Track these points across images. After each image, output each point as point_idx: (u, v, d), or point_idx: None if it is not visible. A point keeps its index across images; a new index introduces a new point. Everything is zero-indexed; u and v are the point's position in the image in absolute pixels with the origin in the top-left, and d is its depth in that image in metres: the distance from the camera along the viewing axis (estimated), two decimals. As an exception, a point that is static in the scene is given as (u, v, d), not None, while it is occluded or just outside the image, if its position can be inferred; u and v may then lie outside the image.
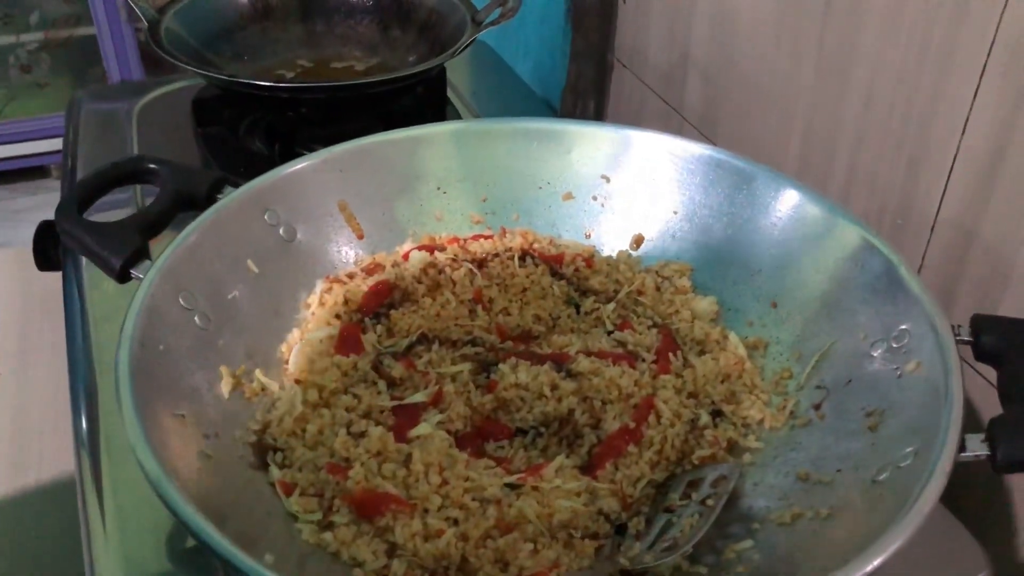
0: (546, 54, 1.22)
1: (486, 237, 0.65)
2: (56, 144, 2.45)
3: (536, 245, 0.65)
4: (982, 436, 0.44)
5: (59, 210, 0.54)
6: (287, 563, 0.44)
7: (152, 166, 0.59)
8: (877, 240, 0.55)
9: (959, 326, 0.50)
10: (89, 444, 0.59)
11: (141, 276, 0.52)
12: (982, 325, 0.50)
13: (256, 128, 0.95)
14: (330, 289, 0.60)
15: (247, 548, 0.38)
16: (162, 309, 0.51)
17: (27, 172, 2.54)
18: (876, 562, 0.38)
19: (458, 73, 1.10)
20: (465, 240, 0.65)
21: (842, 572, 0.38)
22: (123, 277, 0.53)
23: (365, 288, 0.60)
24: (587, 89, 1.17)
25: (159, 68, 2.09)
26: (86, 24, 2.28)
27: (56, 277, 0.91)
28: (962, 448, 0.43)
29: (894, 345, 0.51)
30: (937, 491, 0.41)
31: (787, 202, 0.60)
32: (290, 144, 0.92)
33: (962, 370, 0.47)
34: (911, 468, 0.44)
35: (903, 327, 0.51)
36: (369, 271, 0.62)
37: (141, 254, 0.53)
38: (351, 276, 0.61)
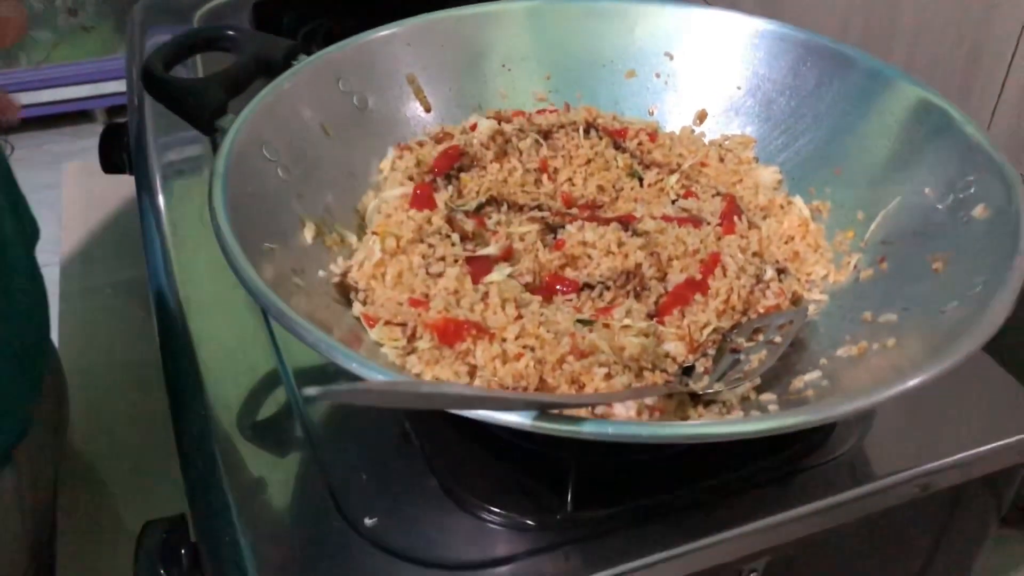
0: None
1: (551, 111, 0.67)
2: (102, 88, 2.50)
3: (600, 120, 0.66)
4: (1050, 264, 0.45)
5: (146, 65, 0.56)
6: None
7: (231, 33, 0.60)
8: (936, 97, 0.56)
9: (1026, 173, 0.51)
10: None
11: (225, 127, 0.54)
12: (1050, 171, 0.50)
13: (315, 35, 0.97)
14: (401, 156, 0.62)
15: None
16: (247, 157, 0.53)
17: (72, 116, 2.58)
18: (948, 364, 0.40)
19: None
20: (530, 114, 0.66)
21: (918, 373, 0.39)
22: (208, 128, 0.55)
23: (435, 153, 0.62)
24: None
25: None
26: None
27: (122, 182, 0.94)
28: (1031, 274, 0.44)
29: (960, 196, 0.52)
30: (1004, 311, 0.42)
31: (847, 70, 0.61)
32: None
33: (1031, 209, 0.48)
34: (980, 295, 0.45)
35: (969, 178, 0.52)
36: (438, 139, 0.63)
37: (224, 108, 0.56)
38: (421, 144, 0.63)
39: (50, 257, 0.87)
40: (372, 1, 0.92)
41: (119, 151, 0.94)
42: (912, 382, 0.40)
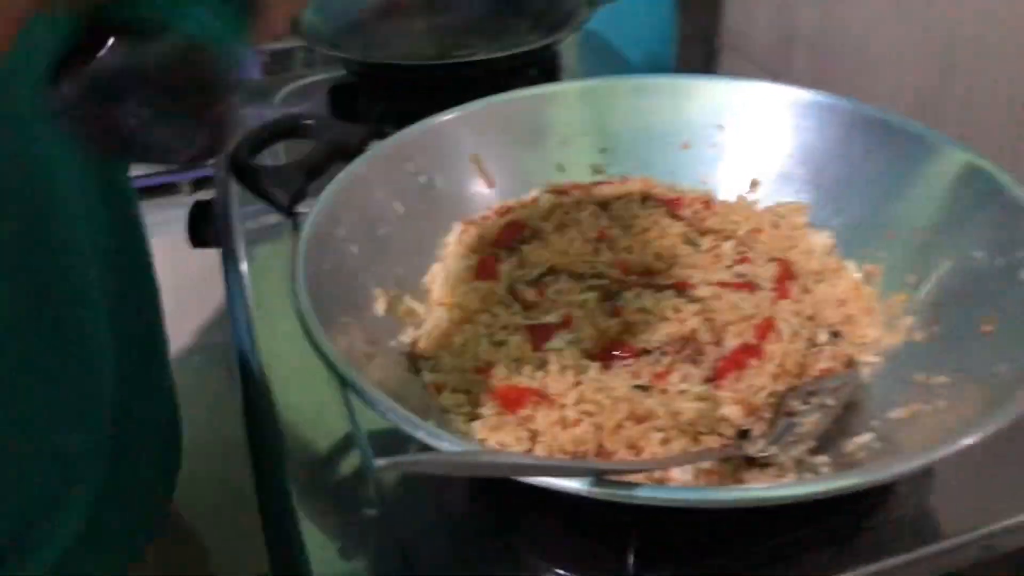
0: (655, 40, 1.27)
1: (607, 183, 0.70)
2: (188, 162, 2.63)
3: (656, 190, 0.69)
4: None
5: (234, 153, 0.61)
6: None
7: (309, 121, 0.66)
8: (983, 162, 0.57)
9: (1076, 236, 0.52)
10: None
11: (305, 211, 0.59)
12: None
13: (388, 116, 1.03)
14: (466, 230, 0.66)
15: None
16: (325, 236, 0.57)
17: (159, 188, 2.71)
18: (984, 433, 0.41)
19: (570, 59, 1.15)
20: (588, 185, 0.70)
21: (969, 432, 0.41)
22: (289, 211, 0.60)
23: (498, 227, 0.65)
24: (696, 72, 1.21)
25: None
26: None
27: (206, 255, 1.00)
28: (1081, 336, 0.45)
29: (1009, 259, 0.53)
30: (1055, 372, 0.43)
31: (893, 137, 0.63)
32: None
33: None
34: (1031, 358, 0.46)
35: (1019, 241, 0.53)
36: (501, 213, 0.67)
37: (304, 192, 0.60)
38: (485, 218, 0.67)
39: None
40: (438, 83, 0.98)
41: (207, 226, 1.01)
42: (963, 441, 0.41)
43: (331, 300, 0.54)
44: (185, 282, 1.16)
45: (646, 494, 0.38)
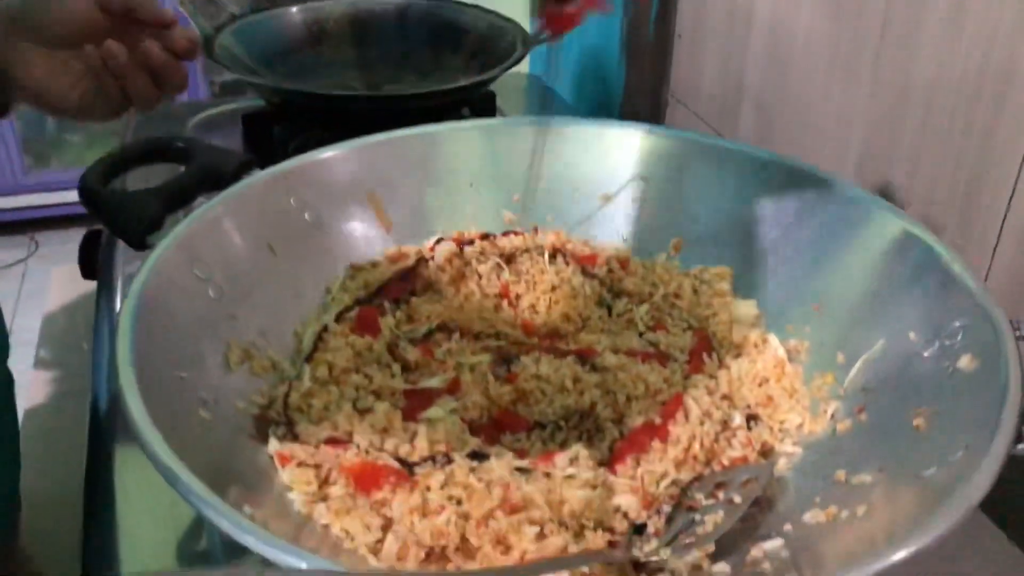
0: (600, 89, 1.22)
1: (516, 233, 0.63)
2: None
3: (569, 245, 0.63)
4: (1041, 427, 0.39)
5: (84, 177, 0.54)
6: (279, 532, 0.41)
7: (180, 144, 0.58)
8: (920, 230, 0.51)
9: (1019, 321, 0.46)
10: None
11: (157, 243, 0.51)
12: (1044, 319, 0.45)
13: (305, 147, 0.95)
14: (353, 276, 0.59)
15: (233, 504, 0.36)
16: (174, 275, 0.50)
17: (63, 219, 2.60)
18: (911, 549, 0.34)
19: (511, 103, 1.10)
20: (495, 236, 0.63)
21: (874, 558, 0.34)
22: (140, 244, 0.52)
23: (388, 274, 0.58)
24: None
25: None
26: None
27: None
28: (1019, 439, 0.39)
29: (946, 343, 0.47)
30: (987, 482, 0.37)
31: (829, 198, 0.57)
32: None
33: (1021, 363, 0.43)
34: (961, 461, 0.39)
35: (956, 324, 0.47)
36: (393, 259, 0.60)
37: (159, 223, 0.53)
38: (375, 264, 0.60)
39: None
40: (364, 117, 0.91)
41: (97, 257, 0.92)
42: (875, 566, 0.34)
43: (169, 350, 0.46)
44: (81, 315, 1.07)
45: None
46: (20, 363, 0.70)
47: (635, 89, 1.16)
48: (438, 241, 0.61)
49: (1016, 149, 0.61)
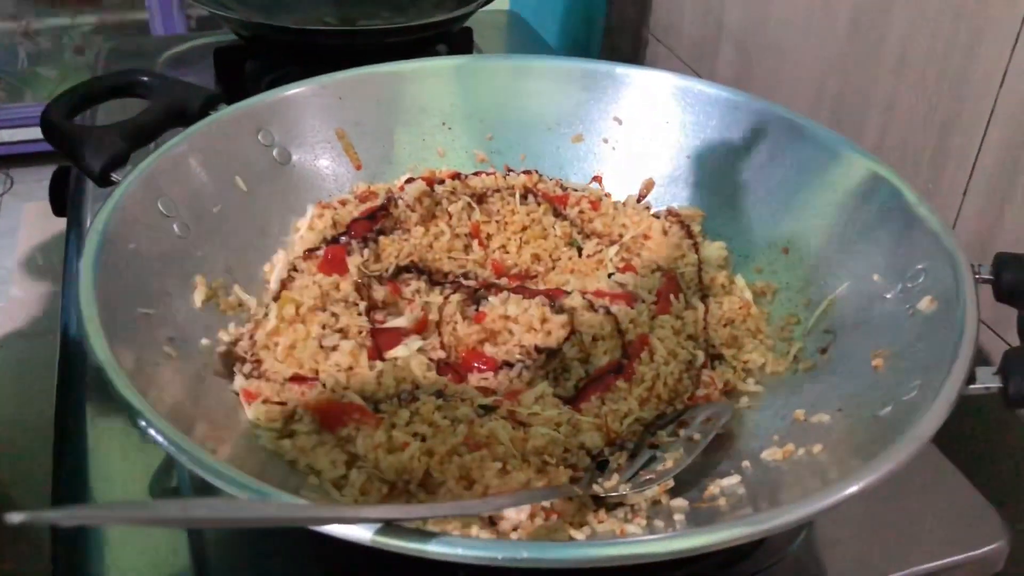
0: (581, 27, 1.20)
1: (488, 174, 0.63)
2: (106, 126, 2.50)
3: (540, 185, 0.62)
4: (994, 369, 0.40)
5: (46, 111, 0.53)
6: (245, 468, 0.41)
7: (145, 78, 0.57)
8: (886, 171, 0.51)
9: (979, 264, 0.46)
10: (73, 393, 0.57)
11: (121, 180, 0.50)
12: (1006, 263, 0.46)
13: (278, 83, 0.94)
14: (321, 214, 0.58)
15: (199, 442, 0.36)
16: (138, 211, 0.49)
17: (35, 156, 2.56)
18: (862, 484, 0.35)
19: (489, 41, 1.08)
20: (466, 176, 0.62)
21: (827, 492, 0.35)
22: (103, 180, 0.51)
23: (356, 213, 0.58)
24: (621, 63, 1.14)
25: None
26: (139, 9, 2.32)
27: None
28: (971, 380, 0.40)
29: (908, 285, 0.48)
30: (938, 420, 0.38)
31: (800, 141, 0.57)
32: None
33: (978, 305, 0.43)
34: (915, 401, 0.40)
35: (919, 266, 0.48)
36: (363, 198, 0.59)
37: (123, 159, 0.52)
38: (344, 203, 0.59)
39: None
40: (336, 52, 0.90)
41: (67, 193, 0.91)
42: (816, 505, 0.35)
43: (129, 287, 0.46)
44: (55, 252, 1.06)
45: (437, 548, 0.31)
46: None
47: (616, 27, 1.15)
48: (409, 180, 0.60)
49: (987, 94, 0.61)
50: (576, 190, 0.63)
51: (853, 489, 0.35)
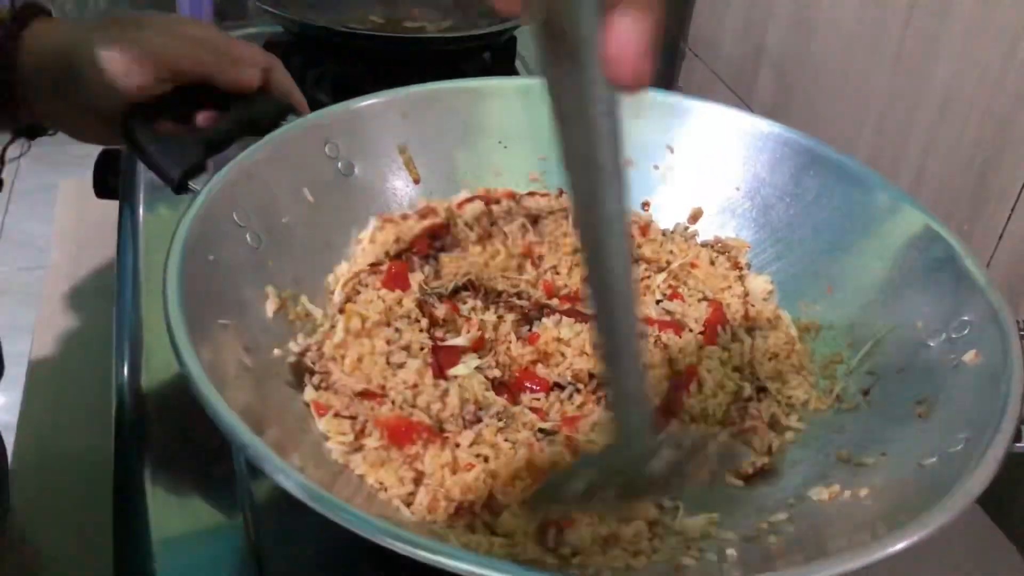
0: (618, 38, 1.21)
1: (542, 195, 0.65)
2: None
3: (592, 208, 0.64)
4: (1040, 428, 0.42)
5: (129, 116, 0.54)
6: (316, 478, 0.43)
7: (220, 89, 0.59)
8: (941, 228, 0.53)
9: (1023, 320, 0.48)
10: (130, 378, 0.59)
11: (198, 188, 0.52)
12: (1049, 321, 0.48)
13: (323, 80, 0.96)
14: (383, 227, 0.60)
15: (277, 450, 0.38)
16: (216, 221, 0.51)
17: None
18: (911, 540, 0.37)
19: (530, 47, 1.09)
20: (520, 196, 0.64)
21: (877, 546, 0.37)
22: (181, 187, 0.53)
23: (418, 229, 0.60)
24: (657, 76, 1.15)
25: (227, 20, 2.09)
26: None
27: (113, 206, 0.92)
28: (1017, 438, 0.42)
29: (953, 336, 0.50)
30: (987, 477, 0.40)
31: (852, 185, 0.59)
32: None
33: (1024, 363, 0.45)
34: (961, 454, 0.42)
35: (964, 318, 0.50)
36: (423, 215, 0.61)
37: (201, 168, 0.54)
38: (405, 217, 0.61)
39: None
40: (381, 56, 0.91)
41: (114, 176, 0.93)
42: (876, 555, 0.37)
43: (211, 296, 0.47)
44: (86, 230, 1.08)
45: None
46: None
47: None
48: (468, 200, 0.62)
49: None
50: (625, 214, 0.65)
51: (903, 544, 0.37)
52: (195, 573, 0.48)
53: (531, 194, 0.65)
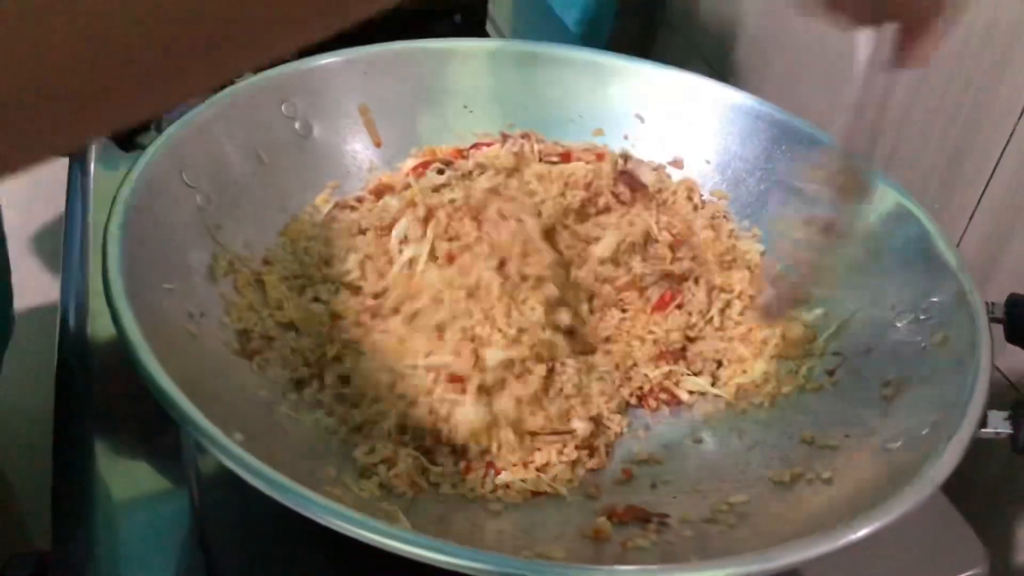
0: (594, 4, 1.19)
1: (487, 144, 0.62)
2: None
3: (539, 146, 0.62)
4: (1006, 414, 0.41)
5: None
6: (257, 444, 0.41)
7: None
8: (914, 206, 0.52)
9: (992, 303, 0.48)
10: (76, 339, 0.57)
11: (146, 144, 0.49)
12: (1019, 304, 0.47)
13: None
14: (340, 205, 0.58)
15: (220, 425, 0.36)
16: (163, 181, 0.48)
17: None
18: (876, 526, 0.36)
19: (501, 10, 1.06)
20: (466, 151, 0.62)
21: (839, 533, 0.36)
22: (126, 144, 0.50)
23: (375, 210, 0.57)
24: (632, 46, 1.13)
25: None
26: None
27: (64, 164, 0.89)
28: (983, 423, 0.41)
29: (921, 317, 0.49)
30: (952, 463, 0.39)
31: (824, 160, 0.57)
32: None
33: (992, 348, 0.44)
34: (927, 438, 0.41)
35: (933, 299, 0.49)
36: (377, 194, 0.59)
37: (148, 125, 0.51)
38: (360, 200, 0.59)
39: None
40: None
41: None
42: (838, 542, 0.36)
43: (155, 259, 0.45)
44: (35, 189, 1.04)
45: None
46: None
47: (629, 8, 1.14)
48: (423, 166, 0.60)
49: (1005, 124, 0.61)
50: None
51: (866, 531, 0.36)
52: (137, 538, 0.46)
53: (476, 146, 0.62)
